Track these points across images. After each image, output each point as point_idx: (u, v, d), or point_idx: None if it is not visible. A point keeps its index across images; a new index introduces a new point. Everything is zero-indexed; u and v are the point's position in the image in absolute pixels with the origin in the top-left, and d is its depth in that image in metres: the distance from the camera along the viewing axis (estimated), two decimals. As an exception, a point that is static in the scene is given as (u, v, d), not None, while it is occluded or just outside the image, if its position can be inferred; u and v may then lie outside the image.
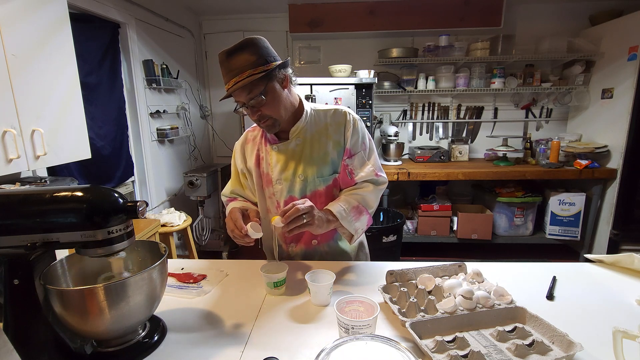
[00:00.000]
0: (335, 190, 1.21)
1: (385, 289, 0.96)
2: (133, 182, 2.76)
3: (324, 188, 1.17)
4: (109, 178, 2.43)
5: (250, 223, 1.03)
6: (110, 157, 2.42)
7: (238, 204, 1.25)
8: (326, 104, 2.97)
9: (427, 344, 0.73)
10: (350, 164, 1.18)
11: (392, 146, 3.39)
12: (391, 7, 3.17)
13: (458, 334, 0.76)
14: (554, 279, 1.07)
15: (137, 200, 0.73)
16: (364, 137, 1.20)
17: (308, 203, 1.02)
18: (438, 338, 0.74)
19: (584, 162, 2.92)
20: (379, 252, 2.75)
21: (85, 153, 1.78)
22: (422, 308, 0.86)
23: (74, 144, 1.71)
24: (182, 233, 2.93)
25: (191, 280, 1.11)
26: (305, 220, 0.98)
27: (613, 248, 2.95)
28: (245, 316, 0.91)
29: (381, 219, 3.13)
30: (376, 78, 3.40)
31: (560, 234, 3.19)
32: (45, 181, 1.73)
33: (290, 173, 1.17)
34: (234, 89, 0.99)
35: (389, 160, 3.42)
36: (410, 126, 3.75)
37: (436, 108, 3.67)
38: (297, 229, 0.99)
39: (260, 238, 1.16)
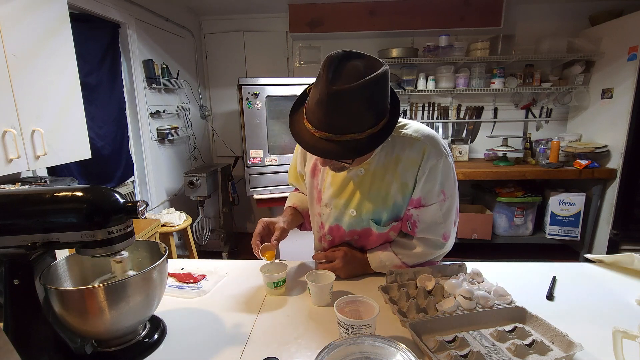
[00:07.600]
0: (393, 234, 1.04)
1: (385, 289, 0.96)
2: (133, 182, 2.76)
3: (377, 233, 1.03)
4: (109, 178, 2.43)
5: (263, 245, 1.02)
6: (110, 157, 2.42)
7: (294, 197, 1.24)
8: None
9: (427, 344, 0.73)
10: (416, 215, 0.97)
11: (392, 146, 3.39)
12: (391, 7, 3.17)
13: (458, 334, 0.76)
14: (554, 279, 1.06)
15: (137, 200, 0.73)
16: (444, 184, 0.94)
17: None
18: (438, 338, 0.74)
19: (583, 162, 2.92)
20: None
21: (85, 153, 1.78)
22: (422, 308, 0.86)
23: (74, 144, 1.71)
24: (182, 233, 2.93)
25: (191, 280, 1.11)
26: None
27: (613, 248, 2.95)
28: (245, 316, 0.91)
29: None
30: (376, 78, 3.38)
31: (560, 234, 3.18)
32: (45, 181, 1.73)
33: (342, 203, 1.03)
34: (326, 163, 0.86)
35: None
36: (410, 126, 3.74)
37: (436, 108, 3.67)
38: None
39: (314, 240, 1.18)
